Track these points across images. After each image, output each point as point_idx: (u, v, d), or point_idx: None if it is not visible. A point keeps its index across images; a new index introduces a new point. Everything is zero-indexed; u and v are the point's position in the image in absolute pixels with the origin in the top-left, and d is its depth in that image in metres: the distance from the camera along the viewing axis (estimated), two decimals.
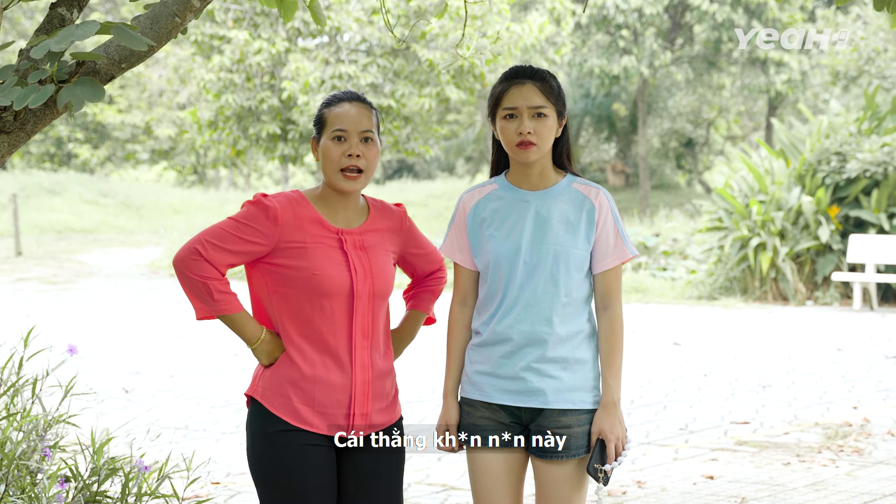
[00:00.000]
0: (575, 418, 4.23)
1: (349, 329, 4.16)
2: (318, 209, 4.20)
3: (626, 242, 4.28)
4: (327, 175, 4.19)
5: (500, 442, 4.29)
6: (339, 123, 4.17)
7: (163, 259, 28.00)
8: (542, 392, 4.22)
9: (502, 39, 26.96)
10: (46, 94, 3.84)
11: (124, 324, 17.13)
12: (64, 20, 4.19)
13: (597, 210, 4.26)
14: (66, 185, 43.31)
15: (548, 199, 4.28)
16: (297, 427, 4.11)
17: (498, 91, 4.29)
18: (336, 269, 4.13)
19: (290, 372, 4.14)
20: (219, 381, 12.16)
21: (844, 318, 17.69)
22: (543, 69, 4.30)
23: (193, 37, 27.92)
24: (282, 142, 28.47)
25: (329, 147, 4.17)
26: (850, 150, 19.76)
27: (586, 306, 4.30)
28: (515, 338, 4.25)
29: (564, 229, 4.24)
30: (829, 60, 33.08)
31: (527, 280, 4.24)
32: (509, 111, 4.24)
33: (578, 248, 4.24)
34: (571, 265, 4.24)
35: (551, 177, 4.32)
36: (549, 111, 4.24)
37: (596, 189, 4.30)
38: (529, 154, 4.23)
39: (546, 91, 4.25)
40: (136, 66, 4.24)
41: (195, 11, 4.16)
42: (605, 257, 4.28)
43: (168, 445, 8.78)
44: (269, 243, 4.12)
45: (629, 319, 17.23)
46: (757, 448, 8.98)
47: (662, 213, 31.94)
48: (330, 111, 4.20)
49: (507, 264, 4.26)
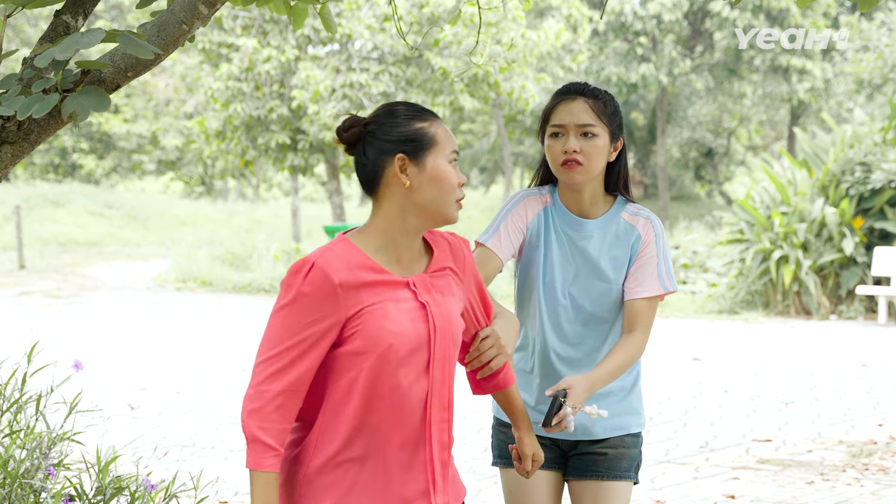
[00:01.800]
0: (619, 440, 4.21)
1: (426, 396, 3.41)
2: (378, 258, 3.38)
3: (661, 276, 4.14)
4: (440, 205, 3.40)
5: (548, 463, 4.26)
6: (452, 144, 3.43)
7: (169, 272, 28.05)
8: (584, 427, 4.19)
9: (517, 47, 26.98)
10: (51, 103, 3.85)
11: (130, 339, 17.14)
12: (69, 28, 4.20)
13: (642, 241, 4.15)
14: (71, 197, 43.40)
15: (595, 232, 4.16)
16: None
17: (548, 107, 4.16)
18: (410, 325, 3.35)
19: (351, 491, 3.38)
20: (227, 397, 12.17)
21: (869, 333, 17.65)
22: (600, 88, 4.16)
23: (201, 44, 27.99)
24: (291, 152, 28.52)
25: (449, 173, 3.42)
26: (875, 160, 19.73)
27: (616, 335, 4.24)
28: (559, 371, 4.18)
29: (611, 265, 4.15)
30: (854, 68, 33.05)
31: (573, 315, 4.16)
32: (557, 128, 4.10)
33: (620, 283, 4.16)
34: (616, 299, 4.16)
35: (601, 204, 4.18)
36: (599, 130, 4.08)
37: (645, 219, 4.16)
38: (574, 175, 4.08)
39: (598, 109, 4.09)
40: (142, 75, 4.24)
41: (203, 19, 4.17)
42: (637, 286, 4.15)
43: (175, 463, 8.78)
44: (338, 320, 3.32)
45: None
46: (780, 466, 8.96)
47: (682, 225, 31.92)
48: (432, 126, 3.41)
49: (549, 295, 4.18)
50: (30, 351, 5.12)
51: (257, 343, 16.84)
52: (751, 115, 44.69)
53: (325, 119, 26.75)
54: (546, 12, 38.06)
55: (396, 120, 3.39)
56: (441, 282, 3.47)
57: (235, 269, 28.07)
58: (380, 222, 3.40)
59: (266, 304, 22.51)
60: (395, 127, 3.38)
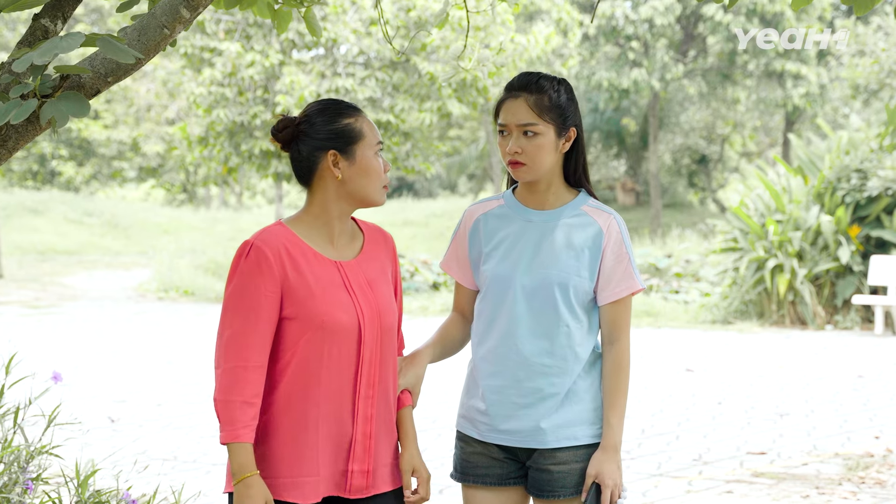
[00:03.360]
0: (572, 454, 4.15)
1: (354, 380, 3.90)
2: (310, 241, 3.92)
3: (634, 274, 4.15)
4: (367, 192, 3.91)
5: (497, 479, 4.23)
6: (376, 136, 3.93)
7: (150, 281, 28.02)
8: (539, 432, 4.15)
9: (506, 51, 27.00)
10: (29, 109, 3.85)
11: (110, 350, 17.12)
12: (47, 32, 4.20)
13: (605, 237, 4.14)
14: (50, 205, 43.35)
15: (554, 221, 4.16)
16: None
17: (497, 103, 4.18)
18: (343, 310, 3.87)
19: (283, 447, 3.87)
20: (209, 409, 12.14)
21: (866, 343, 17.68)
22: (548, 77, 4.14)
23: (183, 49, 27.98)
24: (275, 159, 28.50)
25: (374, 161, 3.90)
26: (872, 166, 19.78)
27: (589, 337, 4.18)
28: (511, 370, 4.16)
29: (567, 254, 4.13)
30: (849, 73, 33.12)
31: (524, 307, 4.14)
32: (502, 127, 4.14)
33: (581, 276, 4.13)
34: (572, 292, 4.12)
35: (561, 196, 4.20)
36: (541, 128, 4.08)
37: (607, 214, 4.17)
38: (520, 174, 4.12)
39: (539, 106, 4.09)
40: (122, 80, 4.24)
41: (185, 22, 4.17)
42: (611, 288, 4.15)
43: (156, 477, 8.76)
44: (277, 289, 3.84)
45: (640, 345, 17.22)
46: (774, 480, 8.97)
47: (675, 234, 31.98)
48: (358, 121, 3.91)
49: (503, 288, 4.16)
50: (7, 362, 5.11)
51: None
52: (745, 120, 44.74)
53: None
54: (535, 16, 38.10)
55: (325, 118, 3.89)
56: (372, 265, 3.97)
57: (218, 279, 28.04)
58: (313, 209, 3.94)
59: None
60: (325, 125, 3.88)
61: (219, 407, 3.78)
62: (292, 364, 3.84)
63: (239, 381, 3.77)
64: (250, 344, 3.80)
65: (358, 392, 3.89)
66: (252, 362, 3.80)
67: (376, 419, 3.94)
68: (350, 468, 3.89)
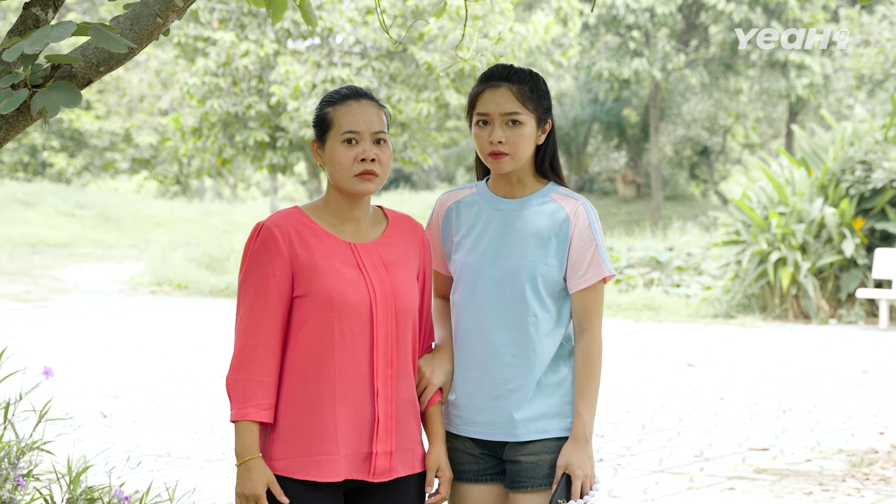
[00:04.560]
0: (542, 446, 4.16)
1: (370, 359, 3.98)
2: (323, 223, 4.03)
3: (603, 260, 4.15)
4: (338, 181, 4.01)
5: (474, 475, 4.26)
6: (349, 125, 3.99)
7: (143, 275, 28.01)
8: (511, 424, 4.16)
9: (505, 41, 26.98)
10: (19, 99, 3.84)
11: (102, 344, 17.12)
12: (38, 21, 4.20)
13: (571, 223, 4.16)
14: (41, 197, 43.32)
15: (522, 210, 4.19)
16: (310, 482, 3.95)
17: (473, 94, 4.20)
18: (351, 287, 3.97)
19: (299, 426, 3.97)
20: (203, 404, 12.16)
21: (870, 338, 17.69)
22: (525, 69, 4.19)
23: (176, 38, 27.96)
24: (270, 150, 28.48)
25: (339, 151, 3.99)
26: (876, 158, 19.78)
27: (559, 327, 4.19)
28: (481, 361, 4.19)
29: (534, 242, 4.16)
30: (854, 63, 33.12)
31: (493, 297, 4.16)
32: (482, 117, 4.16)
33: (549, 265, 4.15)
34: (540, 281, 4.14)
35: (530, 185, 4.23)
36: (524, 118, 4.13)
37: (575, 200, 4.18)
38: (502, 165, 4.15)
39: (523, 95, 4.14)
40: (115, 70, 4.23)
41: (178, 11, 4.17)
42: (580, 276, 4.16)
43: (149, 474, 8.77)
44: (286, 269, 3.97)
45: (640, 339, 17.23)
46: (777, 476, 8.97)
47: (676, 226, 31.97)
48: (335, 110, 4.02)
49: (472, 278, 4.20)
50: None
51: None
52: (747, 111, 44.73)
53: (305, 116, 26.74)
54: (535, 5, 38.09)
55: (317, 107, 4.09)
56: (392, 250, 4.07)
57: (212, 272, 28.04)
58: (325, 194, 4.10)
59: None
60: (314, 114, 4.08)
61: (228, 385, 3.93)
62: (305, 342, 3.94)
63: (247, 359, 3.92)
64: (260, 323, 3.93)
65: (375, 372, 3.97)
66: (262, 341, 3.92)
67: (397, 399, 4.01)
68: (374, 450, 3.96)
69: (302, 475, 3.92)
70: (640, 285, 23.28)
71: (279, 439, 3.95)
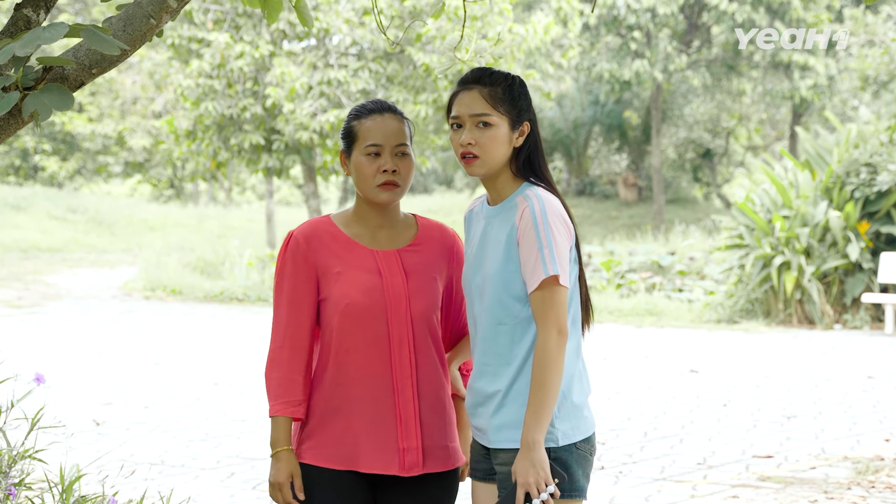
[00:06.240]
0: (510, 456, 4.17)
1: (389, 361, 4.29)
2: (349, 231, 4.37)
3: (543, 260, 4.09)
4: (362, 191, 4.32)
5: (483, 473, 4.32)
6: (371, 138, 4.31)
7: (136, 280, 28.01)
8: (485, 431, 4.22)
9: (504, 41, 26.98)
10: (11, 102, 3.85)
11: (95, 351, 17.12)
12: (30, 22, 4.20)
13: (518, 225, 4.14)
14: (33, 201, 43.32)
15: (496, 216, 4.23)
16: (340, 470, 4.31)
17: (449, 97, 4.25)
18: (365, 293, 4.29)
19: (325, 421, 4.33)
20: (197, 412, 12.16)
21: (876, 343, 17.69)
22: (503, 72, 4.21)
23: (170, 40, 27.95)
24: (266, 153, 28.48)
25: (363, 163, 4.31)
26: (882, 160, 19.78)
27: (527, 334, 4.18)
28: (472, 369, 4.31)
29: (499, 249, 4.18)
30: (859, 64, 33.13)
31: (479, 307, 4.23)
32: (455, 120, 4.21)
33: (509, 270, 4.16)
34: (503, 289, 4.16)
35: (508, 190, 4.24)
36: (495, 119, 4.15)
37: (526, 200, 4.14)
38: (472, 168, 4.18)
39: (494, 97, 4.16)
40: (107, 72, 4.24)
41: (172, 12, 4.17)
42: (528, 277, 4.13)
43: (143, 482, 8.77)
44: (312, 274, 4.33)
45: (642, 345, 17.24)
46: (781, 484, 8.97)
47: (678, 230, 31.99)
48: (360, 123, 4.34)
49: (467, 290, 4.31)
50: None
51: (230, 354, 16.84)
52: (750, 113, 44.75)
53: (301, 118, 26.73)
54: (534, 5, 38.10)
55: (345, 120, 4.42)
56: (418, 257, 4.38)
57: (207, 277, 28.04)
58: (355, 203, 4.41)
59: (239, 313, 22.50)
60: (342, 128, 4.40)
61: (265, 381, 4.33)
62: (331, 343, 4.31)
63: (277, 359, 4.31)
64: (288, 325, 4.32)
65: (395, 373, 4.30)
66: (289, 342, 4.31)
67: (422, 399, 4.33)
68: (401, 445, 4.28)
69: (329, 464, 4.28)
70: (642, 290, 23.29)
71: (311, 432, 4.32)
